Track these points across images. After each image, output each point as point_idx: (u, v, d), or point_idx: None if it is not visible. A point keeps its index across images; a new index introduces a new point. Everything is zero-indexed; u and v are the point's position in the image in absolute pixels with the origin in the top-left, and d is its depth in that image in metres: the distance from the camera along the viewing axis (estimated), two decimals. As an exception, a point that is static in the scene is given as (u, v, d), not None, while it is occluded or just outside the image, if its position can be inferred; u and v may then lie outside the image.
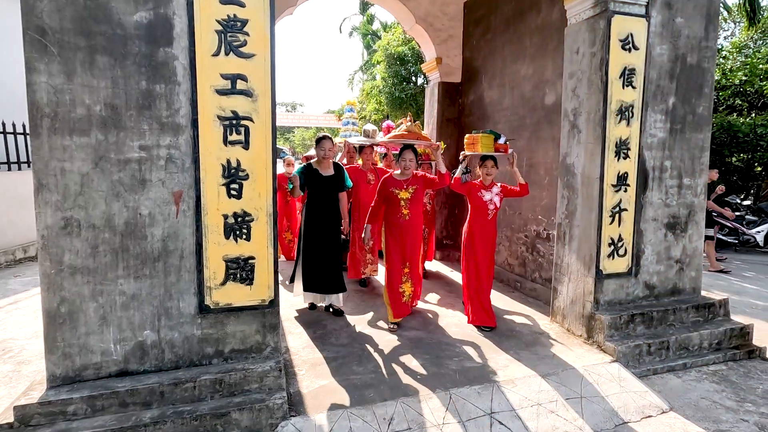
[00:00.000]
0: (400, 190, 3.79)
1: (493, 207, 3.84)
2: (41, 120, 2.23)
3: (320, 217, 3.99)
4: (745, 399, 3.07)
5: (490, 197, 3.83)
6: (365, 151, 5.01)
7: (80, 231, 2.34)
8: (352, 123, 5.96)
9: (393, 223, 3.82)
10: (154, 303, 2.49)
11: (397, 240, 3.83)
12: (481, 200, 3.83)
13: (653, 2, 3.44)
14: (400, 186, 3.81)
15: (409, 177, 3.83)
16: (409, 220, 3.82)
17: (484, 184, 3.89)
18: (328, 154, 3.95)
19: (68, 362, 2.38)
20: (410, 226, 3.83)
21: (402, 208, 3.79)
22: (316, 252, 3.97)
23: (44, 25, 2.19)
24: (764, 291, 6.03)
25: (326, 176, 3.99)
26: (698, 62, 3.67)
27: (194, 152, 2.46)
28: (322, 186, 3.97)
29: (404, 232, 3.82)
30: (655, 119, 3.59)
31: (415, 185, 3.83)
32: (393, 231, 3.84)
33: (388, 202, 3.82)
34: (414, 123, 4.23)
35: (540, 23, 4.72)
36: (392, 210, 3.82)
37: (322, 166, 4.00)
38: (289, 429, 2.45)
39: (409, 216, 3.81)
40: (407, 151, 3.82)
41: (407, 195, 3.79)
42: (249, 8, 2.46)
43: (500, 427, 2.61)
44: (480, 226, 3.88)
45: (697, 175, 3.82)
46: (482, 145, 3.83)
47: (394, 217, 3.81)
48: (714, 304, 3.86)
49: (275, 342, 2.73)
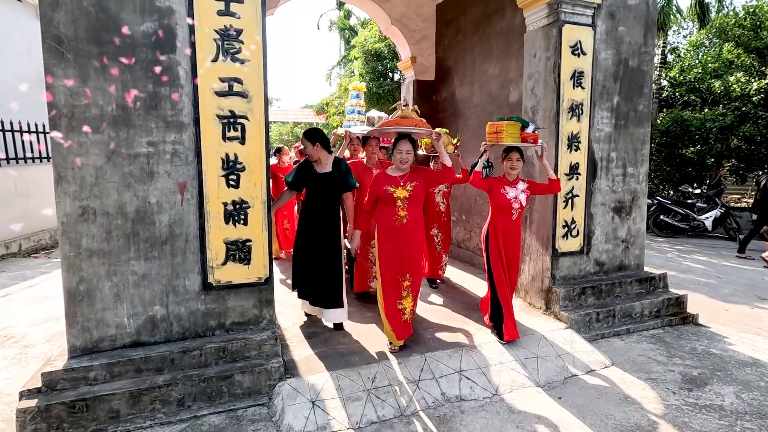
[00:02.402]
0: (396, 188, 3.18)
1: (518, 206, 3.40)
2: (59, 119, 2.50)
3: (313, 220, 3.53)
4: (674, 355, 3.61)
5: (514, 195, 3.40)
6: (369, 143, 4.23)
7: (96, 218, 2.63)
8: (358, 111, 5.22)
9: (387, 227, 3.21)
10: (162, 281, 2.80)
11: (393, 247, 3.21)
12: (504, 198, 3.39)
13: (598, 13, 3.92)
14: (395, 183, 3.20)
15: (406, 172, 3.25)
16: (407, 223, 3.20)
17: (508, 179, 3.45)
18: (312, 153, 3.45)
19: (87, 335, 2.68)
20: (408, 230, 3.21)
21: (398, 210, 3.18)
22: (307, 259, 3.55)
23: (61, 34, 2.47)
24: (707, 270, 6.71)
25: (321, 174, 3.49)
26: (638, 65, 4.18)
27: (196, 147, 2.77)
28: (315, 185, 3.51)
29: (401, 238, 3.20)
30: (602, 116, 4.08)
31: (415, 181, 3.22)
32: (387, 237, 3.22)
33: (382, 202, 3.23)
34: (411, 107, 3.47)
35: (505, 27, 5.16)
36: (386, 212, 3.21)
37: (318, 161, 3.51)
38: (285, 388, 2.81)
39: (408, 219, 3.19)
40: (403, 141, 3.20)
41: (405, 193, 3.18)
42: (243, 19, 2.78)
43: (468, 381, 3.04)
44: (503, 228, 3.44)
45: (639, 164, 4.34)
46: (507, 135, 3.34)
47: (389, 220, 3.19)
48: (654, 277, 4.41)
49: (270, 315, 3.08)
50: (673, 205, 9.62)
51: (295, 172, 3.58)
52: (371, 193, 3.29)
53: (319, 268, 3.51)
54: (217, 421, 2.63)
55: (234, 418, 2.66)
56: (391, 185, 3.20)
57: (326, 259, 3.50)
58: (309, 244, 3.54)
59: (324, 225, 3.51)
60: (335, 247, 3.54)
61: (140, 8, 2.59)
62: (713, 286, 5.80)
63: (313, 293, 3.58)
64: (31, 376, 2.67)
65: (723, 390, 3.07)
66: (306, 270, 3.57)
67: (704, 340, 3.92)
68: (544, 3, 3.86)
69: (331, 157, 3.54)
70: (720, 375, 3.28)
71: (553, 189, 3.52)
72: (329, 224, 3.52)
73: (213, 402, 2.72)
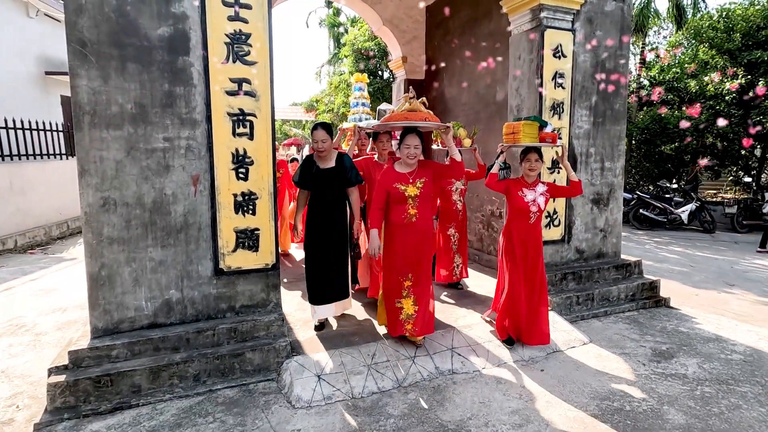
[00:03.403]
0: (405, 186, 3.08)
1: (537, 209, 3.27)
2: (83, 116, 2.70)
3: (320, 218, 3.49)
4: (646, 333, 3.95)
5: (532, 197, 3.26)
6: (380, 139, 3.97)
7: (116, 208, 2.83)
8: (363, 104, 5.03)
9: (395, 223, 3.14)
10: (177, 267, 3.02)
11: (399, 245, 3.14)
12: (522, 201, 3.26)
13: (577, 18, 4.23)
14: (404, 180, 3.10)
15: (414, 168, 3.13)
16: (417, 222, 3.11)
17: (527, 181, 3.32)
18: (322, 147, 3.39)
19: (108, 317, 2.89)
20: (417, 229, 3.13)
21: (408, 208, 3.09)
22: (320, 260, 3.50)
23: (84, 38, 2.66)
24: (682, 259, 7.13)
25: (325, 169, 3.46)
26: (615, 67, 4.50)
27: (209, 142, 2.99)
28: (319, 181, 3.46)
29: (409, 236, 3.12)
30: (581, 114, 4.40)
31: (424, 177, 3.11)
32: (395, 234, 3.16)
33: (392, 200, 3.13)
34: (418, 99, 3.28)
35: (492, 29, 5.44)
36: (396, 209, 3.13)
37: (320, 157, 3.50)
38: (293, 364, 3.06)
39: (417, 217, 3.10)
40: (411, 136, 3.07)
41: (415, 191, 3.08)
42: (251, 24, 3.00)
43: (459, 357, 3.33)
44: (520, 232, 3.30)
45: (616, 159, 4.67)
46: (524, 135, 3.24)
47: (398, 218, 3.12)
48: (630, 264, 4.76)
49: (277, 299, 3.32)
50: (651, 200, 10.07)
51: (301, 170, 3.53)
52: (380, 191, 3.15)
53: (333, 266, 3.51)
54: (231, 394, 2.86)
55: (246, 392, 2.90)
56: (401, 183, 3.09)
57: (336, 257, 3.51)
58: (319, 244, 3.50)
59: (330, 221, 3.50)
60: (342, 242, 3.56)
61: (157, 14, 2.80)
62: (686, 274, 6.20)
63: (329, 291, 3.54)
64: (57, 355, 2.87)
65: (687, 361, 3.41)
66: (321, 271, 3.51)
67: (674, 321, 4.27)
68: (528, 9, 4.15)
69: (335, 152, 3.55)
70: (686, 349, 3.63)
71: (575, 191, 3.36)
72: (335, 220, 3.52)
73: (226, 377, 2.96)
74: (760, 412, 2.74)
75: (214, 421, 2.59)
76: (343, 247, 3.59)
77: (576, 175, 3.38)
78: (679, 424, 2.61)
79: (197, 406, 2.73)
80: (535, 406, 2.78)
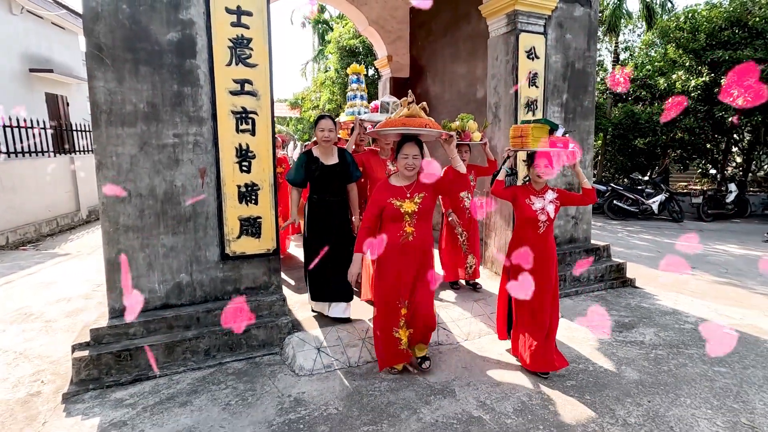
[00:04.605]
0: (402, 201, 2.78)
1: (546, 218, 3.00)
2: (100, 115, 2.96)
3: (326, 216, 3.45)
4: (612, 309, 4.39)
5: (541, 205, 3.00)
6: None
7: (131, 199, 3.10)
8: (360, 96, 4.82)
9: (389, 243, 2.79)
10: (187, 253, 3.29)
11: (394, 267, 2.82)
12: (530, 209, 3.00)
13: (549, 23, 4.61)
14: (401, 194, 2.80)
15: (413, 180, 2.85)
16: (413, 241, 2.80)
17: (535, 188, 3.07)
18: (330, 137, 3.34)
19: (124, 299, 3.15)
20: (414, 249, 2.82)
21: (405, 226, 2.79)
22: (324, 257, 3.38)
23: (101, 43, 2.91)
24: (650, 246, 7.66)
25: (329, 165, 3.41)
26: (583, 68, 4.91)
27: (214, 138, 3.27)
28: (325, 177, 3.39)
29: (405, 257, 2.81)
30: (553, 110, 4.79)
31: (423, 192, 2.82)
32: (388, 255, 2.82)
33: (386, 217, 2.81)
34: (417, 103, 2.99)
35: (471, 31, 5.80)
36: (390, 228, 2.81)
37: (323, 152, 3.44)
38: (294, 339, 3.37)
39: (414, 236, 2.79)
40: (409, 145, 2.78)
41: (413, 207, 2.77)
42: (252, 29, 3.28)
43: (444, 331, 3.69)
44: (529, 242, 3.01)
45: (586, 152, 5.09)
46: (533, 139, 2.97)
47: (392, 236, 2.79)
48: (600, 248, 5.19)
49: (278, 281, 3.62)
50: (625, 191, 10.64)
51: (298, 167, 3.45)
52: (373, 207, 2.83)
53: (337, 262, 3.41)
54: (239, 366, 3.17)
55: (253, 364, 3.20)
56: (396, 198, 2.78)
57: (341, 253, 3.42)
58: (323, 241, 3.42)
59: (335, 219, 3.47)
60: (348, 240, 3.48)
61: (166, 20, 3.06)
62: (653, 259, 6.71)
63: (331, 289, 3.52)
64: (78, 333, 3.13)
65: (645, 331, 3.85)
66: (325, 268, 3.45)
67: (637, 298, 4.72)
68: (504, 14, 4.51)
69: (335, 147, 3.51)
70: (645, 321, 4.07)
71: (587, 200, 3.11)
72: (340, 218, 3.50)
73: (234, 352, 3.26)
74: (702, 369, 3.17)
75: (226, 387, 2.90)
76: (347, 246, 3.44)
77: (588, 183, 3.09)
78: (633, 380, 3.03)
79: (210, 376, 3.03)
80: (511, 370, 3.17)
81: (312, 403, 2.73)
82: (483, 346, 3.52)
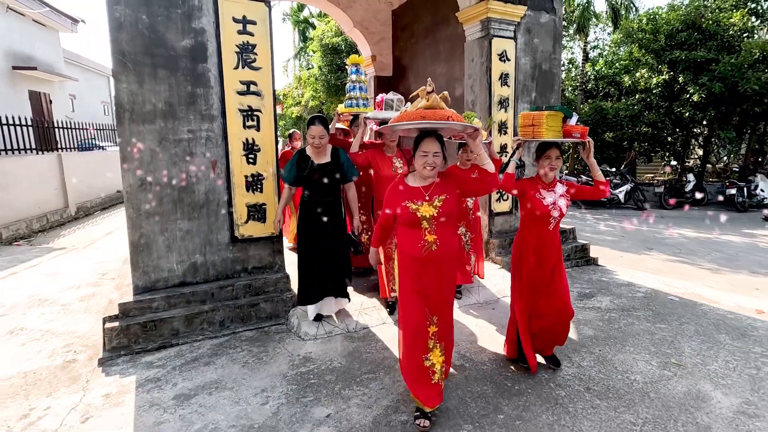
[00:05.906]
0: (419, 204, 2.37)
1: (558, 213, 2.78)
2: (123, 114, 3.32)
3: (316, 217, 3.38)
4: (575, 282, 4.97)
5: (552, 200, 2.77)
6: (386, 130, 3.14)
7: (151, 187, 3.48)
8: (360, 88, 4.64)
9: (410, 255, 2.41)
10: (201, 236, 3.69)
11: (418, 283, 2.41)
12: (541, 204, 2.76)
13: (518, 29, 5.14)
14: (418, 197, 2.39)
15: (433, 181, 2.43)
16: (437, 251, 2.36)
17: (545, 181, 2.83)
18: (320, 143, 3.31)
19: (146, 277, 3.54)
20: (438, 259, 2.38)
21: (425, 233, 2.36)
22: (314, 260, 3.42)
23: (124, 49, 3.28)
24: (614, 231, 8.36)
25: (321, 164, 3.38)
26: (550, 68, 5.47)
27: (224, 133, 3.67)
28: (314, 178, 3.36)
29: (430, 271, 2.39)
30: (523, 107, 5.34)
31: (444, 194, 2.39)
32: (410, 268, 2.43)
33: (403, 223, 2.43)
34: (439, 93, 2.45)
35: (450, 34, 6.29)
36: (409, 236, 2.41)
37: (315, 152, 3.41)
38: (298, 311, 3.82)
39: (438, 244, 2.36)
40: (429, 141, 2.35)
41: (432, 211, 2.35)
42: (256, 36, 3.69)
43: (429, 302, 4.19)
44: (537, 240, 2.81)
45: (553, 145, 5.66)
46: (546, 128, 2.66)
47: (413, 248, 2.39)
48: (566, 231, 5.79)
49: (281, 261, 4.05)
50: (593, 182, 11.38)
51: (291, 166, 3.41)
52: (386, 208, 2.51)
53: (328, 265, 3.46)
54: (251, 334, 3.60)
55: (263, 332, 3.64)
56: (412, 200, 2.38)
57: (332, 256, 3.46)
58: (314, 243, 3.44)
59: (326, 218, 3.39)
60: (341, 243, 3.50)
61: (181, 29, 3.44)
62: (616, 242, 7.39)
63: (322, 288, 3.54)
64: (105, 306, 3.50)
65: (602, 299, 4.44)
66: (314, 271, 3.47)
67: (599, 274, 5.33)
68: (478, 21, 5.02)
69: (329, 146, 3.48)
70: (603, 291, 4.67)
71: (599, 193, 2.86)
72: (331, 217, 3.42)
73: (245, 323, 3.68)
74: (645, 326, 3.77)
75: (242, 351, 3.33)
76: (340, 248, 3.47)
77: (602, 176, 2.85)
78: (588, 336, 3.60)
79: (226, 343, 3.45)
80: (489, 331, 3.69)
81: (319, 360, 3.19)
82: (470, 312, 4.04)
